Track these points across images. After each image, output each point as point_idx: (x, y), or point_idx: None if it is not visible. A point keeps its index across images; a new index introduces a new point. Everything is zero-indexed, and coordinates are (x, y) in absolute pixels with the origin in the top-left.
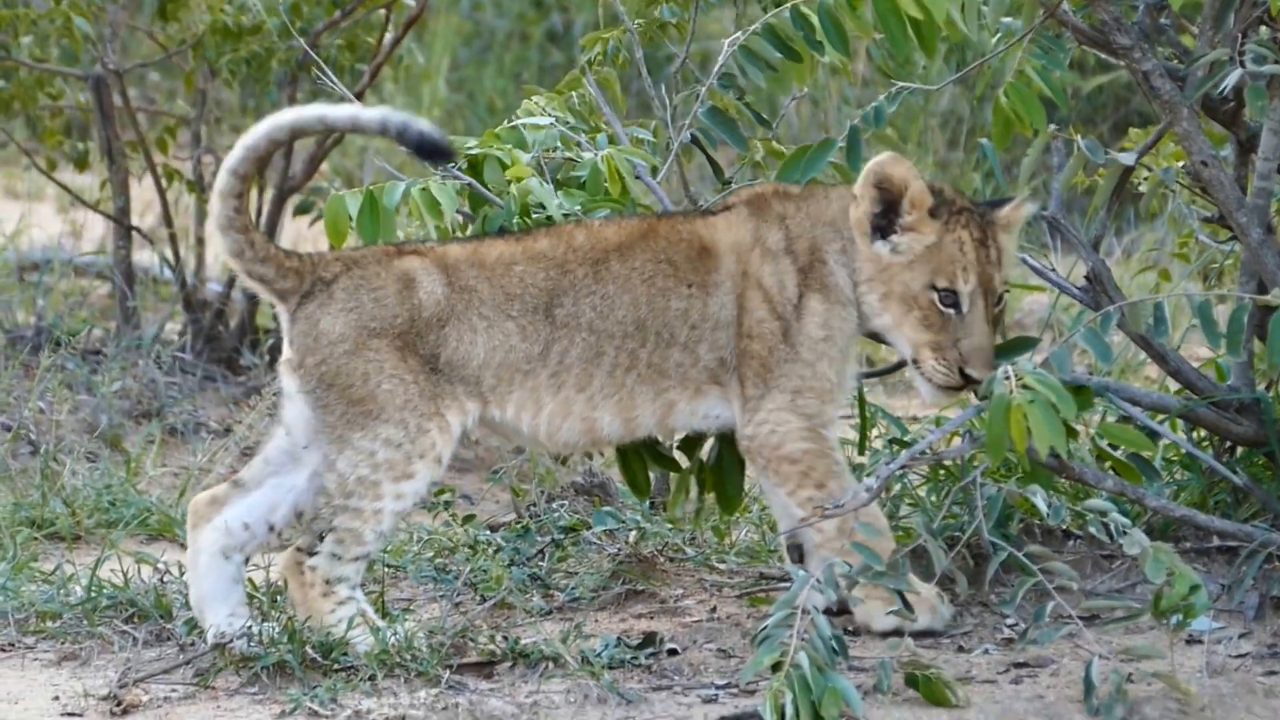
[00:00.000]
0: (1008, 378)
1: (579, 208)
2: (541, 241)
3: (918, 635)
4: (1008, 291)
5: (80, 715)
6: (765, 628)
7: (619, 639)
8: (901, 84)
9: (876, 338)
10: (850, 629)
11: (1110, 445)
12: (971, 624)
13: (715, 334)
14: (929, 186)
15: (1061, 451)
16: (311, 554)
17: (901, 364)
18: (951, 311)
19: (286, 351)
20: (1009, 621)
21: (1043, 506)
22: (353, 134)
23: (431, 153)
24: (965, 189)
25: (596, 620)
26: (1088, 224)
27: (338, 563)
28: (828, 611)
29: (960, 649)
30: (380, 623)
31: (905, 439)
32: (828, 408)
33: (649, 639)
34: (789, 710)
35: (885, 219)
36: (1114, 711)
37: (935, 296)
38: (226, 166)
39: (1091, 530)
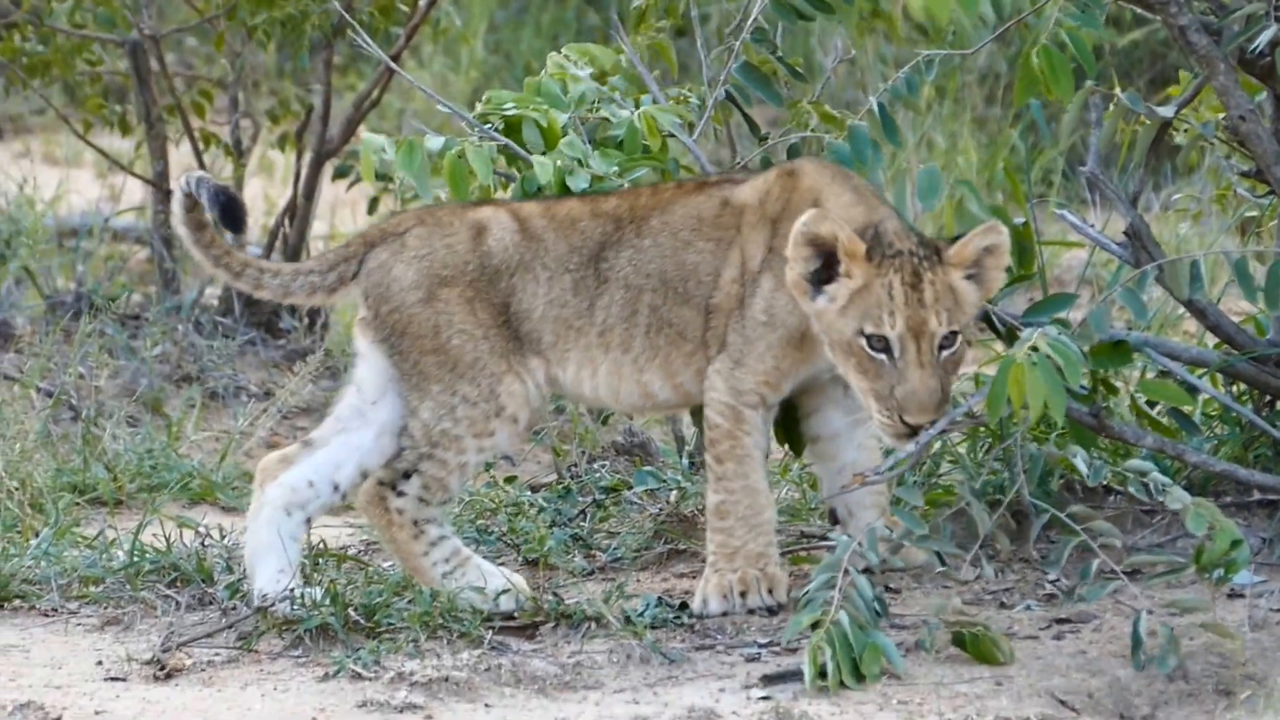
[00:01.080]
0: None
1: (616, 167)
2: (610, 201)
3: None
4: (961, 331)
5: (124, 679)
6: (807, 591)
7: (661, 598)
8: (928, 52)
9: None
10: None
11: (1149, 401)
12: (1013, 581)
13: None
14: (870, 230)
15: (1055, 416)
16: (395, 490)
17: None
18: (883, 357)
19: (361, 310)
20: (1050, 578)
21: (1083, 468)
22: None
23: (224, 219)
24: (1003, 144)
25: (638, 580)
26: (1126, 179)
27: (425, 507)
28: (868, 572)
29: (1002, 605)
30: (479, 560)
31: None
32: (764, 390)
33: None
34: (830, 667)
35: (827, 272)
36: (1167, 663)
37: (864, 342)
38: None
39: (1131, 489)
